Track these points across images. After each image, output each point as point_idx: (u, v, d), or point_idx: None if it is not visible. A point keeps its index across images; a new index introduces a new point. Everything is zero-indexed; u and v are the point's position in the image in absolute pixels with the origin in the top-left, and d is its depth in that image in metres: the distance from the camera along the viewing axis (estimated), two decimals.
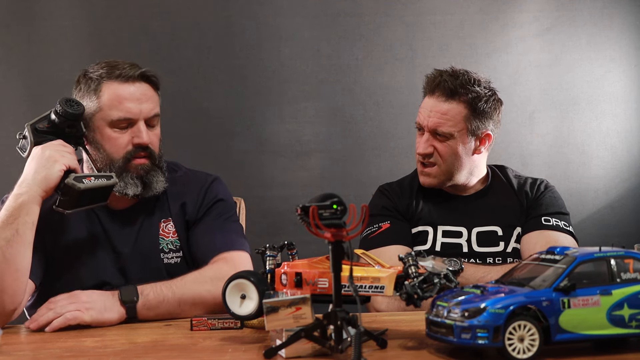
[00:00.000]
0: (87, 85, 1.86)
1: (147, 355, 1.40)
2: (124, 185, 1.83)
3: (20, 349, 1.50)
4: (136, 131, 1.84)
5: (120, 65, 1.86)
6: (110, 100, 1.83)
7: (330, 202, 1.28)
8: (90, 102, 1.85)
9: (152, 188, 1.87)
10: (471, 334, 1.20)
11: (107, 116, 1.83)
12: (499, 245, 2.09)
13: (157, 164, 1.89)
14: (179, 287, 1.72)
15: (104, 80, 1.84)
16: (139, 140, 1.84)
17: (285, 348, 1.29)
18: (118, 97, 1.83)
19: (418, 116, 2.14)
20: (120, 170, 1.84)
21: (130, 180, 1.84)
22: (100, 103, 1.84)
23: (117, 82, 1.84)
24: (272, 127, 2.97)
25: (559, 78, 3.05)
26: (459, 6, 3.02)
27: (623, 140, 3.07)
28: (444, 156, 2.10)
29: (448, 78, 2.08)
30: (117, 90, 1.84)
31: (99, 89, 1.84)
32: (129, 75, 1.84)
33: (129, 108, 1.83)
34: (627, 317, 1.24)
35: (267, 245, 1.52)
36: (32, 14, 2.90)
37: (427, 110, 2.10)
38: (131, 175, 1.84)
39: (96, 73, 1.86)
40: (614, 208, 3.04)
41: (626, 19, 3.06)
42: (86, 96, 1.86)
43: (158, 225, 1.92)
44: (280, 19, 2.98)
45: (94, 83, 1.85)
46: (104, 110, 1.83)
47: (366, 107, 2.98)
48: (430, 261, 1.36)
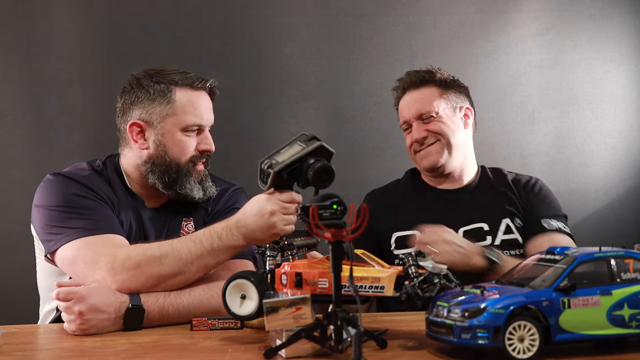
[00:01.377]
0: (156, 89, 1.91)
1: (147, 355, 1.40)
2: (190, 189, 1.91)
3: (20, 349, 1.50)
4: (203, 138, 1.95)
5: (190, 73, 1.95)
6: (185, 105, 1.90)
7: (330, 202, 1.28)
8: (161, 106, 1.90)
9: (207, 193, 1.96)
10: (471, 334, 1.20)
11: (181, 121, 1.90)
12: (486, 240, 2.13)
13: (209, 172, 1.99)
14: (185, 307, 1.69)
15: (178, 86, 1.91)
16: (206, 146, 1.95)
17: (285, 348, 1.29)
18: (193, 104, 1.92)
19: (400, 118, 2.29)
20: (186, 174, 1.91)
21: (194, 185, 1.92)
22: (174, 108, 1.90)
23: (191, 89, 1.92)
24: (272, 127, 2.97)
25: (559, 78, 3.05)
26: (459, 6, 3.02)
27: (623, 140, 3.06)
28: (439, 131, 2.20)
29: (412, 73, 2.28)
30: (191, 97, 1.92)
31: (173, 93, 1.91)
32: (201, 85, 1.94)
33: (202, 114, 1.93)
34: (627, 317, 1.24)
35: (267, 246, 1.52)
36: (32, 14, 2.90)
37: (406, 105, 2.26)
38: (194, 180, 1.92)
39: (167, 78, 1.91)
40: (614, 208, 3.04)
41: (626, 19, 3.06)
42: (156, 100, 1.90)
43: (181, 224, 1.97)
44: (280, 19, 2.98)
45: (167, 87, 1.91)
46: (178, 115, 1.90)
47: (366, 107, 2.98)
48: (431, 261, 1.36)
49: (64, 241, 1.76)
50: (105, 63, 2.87)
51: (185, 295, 1.70)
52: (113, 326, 1.61)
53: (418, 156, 2.23)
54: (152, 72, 1.94)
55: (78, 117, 2.87)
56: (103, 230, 1.77)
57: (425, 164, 2.22)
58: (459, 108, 2.26)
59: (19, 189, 2.75)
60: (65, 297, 1.59)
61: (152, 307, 1.65)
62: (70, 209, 1.81)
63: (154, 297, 1.67)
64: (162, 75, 1.93)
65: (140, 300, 1.64)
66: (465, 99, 2.29)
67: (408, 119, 2.24)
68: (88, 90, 2.87)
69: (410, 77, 2.27)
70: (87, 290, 1.60)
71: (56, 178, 1.88)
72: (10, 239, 2.77)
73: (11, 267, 2.77)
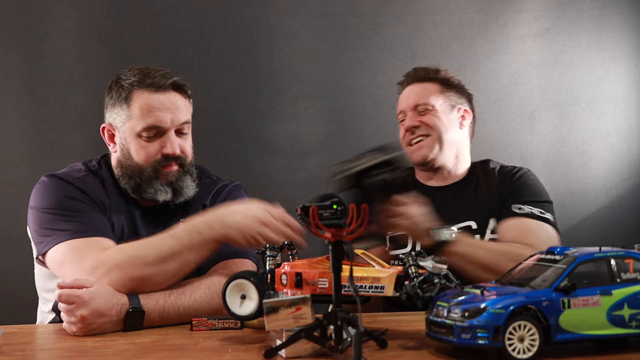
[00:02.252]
0: (118, 94, 1.88)
1: (147, 355, 1.40)
2: (153, 192, 1.86)
3: (20, 349, 1.50)
4: (165, 141, 1.87)
5: (152, 74, 1.88)
6: (140, 109, 1.85)
7: (330, 202, 1.28)
8: (121, 110, 1.87)
9: (182, 194, 1.90)
10: (471, 334, 1.20)
11: (135, 125, 1.85)
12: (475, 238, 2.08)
13: (187, 170, 1.91)
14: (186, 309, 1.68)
15: (135, 89, 1.86)
16: (167, 150, 1.87)
17: (285, 348, 1.29)
18: (148, 107, 1.85)
19: (397, 109, 2.29)
20: (149, 179, 1.86)
21: (160, 187, 1.87)
22: (131, 112, 1.86)
23: (148, 91, 1.86)
24: (272, 127, 2.97)
25: (559, 78, 3.05)
26: (459, 6, 3.02)
27: (623, 140, 3.07)
28: (432, 125, 2.20)
29: (419, 69, 2.29)
30: (147, 100, 1.85)
31: (130, 98, 1.86)
32: (159, 85, 1.86)
33: (158, 117, 1.85)
34: (627, 317, 1.24)
35: (267, 246, 1.52)
36: (32, 14, 2.90)
37: (405, 96, 2.26)
38: (161, 182, 1.87)
39: (128, 81, 1.87)
40: (614, 208, 3.05)
41: (626, 19, 3.06)
42: (117, 105, 1.88)
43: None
44: (280, 19, 2.98)
45: (125, 91, 1.87)
46: (133, 120, 1.86)
47: (366, 107, 2.98)
48: (431, 261, 1.36)
49: (53, 243, 1.76)
50: (105, 63, 2.88)
51: (185, 297, 1.69)
52: (114, 328, 1.61)
53: (409, 150, 2.23)
54: (121, 75, 1.91)
55: (78, 117, 2.87)
56: (91, 233, 1.76)
57: (415, 158, 2.21)
58: (458, 108, 2.25)
59: (19, 189, 2.75)
60: (67, 300, 1.58)
61: (152, 309, 1.64)
62: (61, 211, 1.80)
63: (154, 298, 1.66)
64: (126, 78, 1.88)
65: (140, 302, 1.64)
66: (466, 102, 2.28)
67: (404, 108, 2.25)
68: (88, 90, 2.87)
69: (416, 72, 2.28)
70: (89, 294, 1.59)
71: (50, 180, 1.87)
72: (10, 239, 2.77)
73: (11, 267, 2.77)
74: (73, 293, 1.59)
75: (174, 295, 1.68)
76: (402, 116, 2.26)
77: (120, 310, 1.61)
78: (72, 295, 1.58)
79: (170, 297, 1.68)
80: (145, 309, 1.63)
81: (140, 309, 1.63)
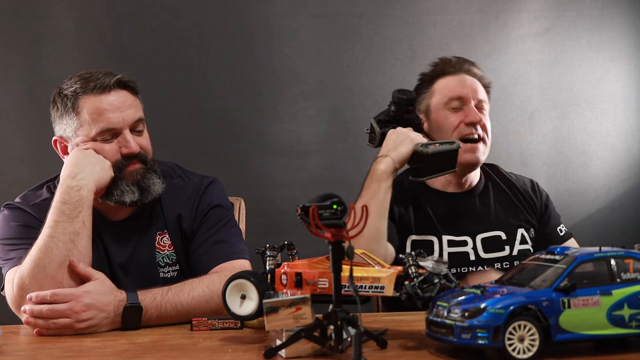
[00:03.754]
0: (64, 104, 1.82)
1: (147, 355, 1.40)
2: (120, 194, 1.79)
3: (20, 349, 1.50)
4: (122, 141, 1.80)
5: (93, 76, 1.81)
6: (89, 114, 1.78)
7: (330, 202, 1.28)
8: (70, 120, 1.81)
9: (150, 192, 1.82)
10: (471, 334, 1.20)
11: (88, 132, 1.78)
12: (505, 250, 2.05)
13: (151, 167, 1.84)
14: (184, 306, 1.67)
15: (79, 96, 1.79)
16: (127, 150, 1.80)
17: (285, 348, 1.29)
18: (97, 110, 1.78)
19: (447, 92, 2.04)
20: (114, 180, 1.79)
21: (126, 188, 1.79)
22: (81, 119, 1.79)
23: (94, 94, 1.79)
24: (272, 127, 2.97)
25: (559, 78, 3.05)
26: (459, 6, 3.02)
27: (623, 140, 3.07)
28: (488, 130, 2.05)
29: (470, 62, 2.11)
30: (94, 103, 1.78)
31: (77, 105, 1.80)
32: (104, 85, 1.79)
33: (109, 118, 1.78)
34: (627, 317, 1.24)
35: (267, 246, 1.52)
36: (32, 14, 2.90)
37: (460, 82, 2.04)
38: (126, 183, 1.80)
39: (70, 89, 1.81)
40: (614, 208, 3.05)
41: (626, 19, 3.06)
42: (65, 115, 1.82)
43: (154, 238, 1.87)
44: (280, 19, 2.98)
45: (70, 100, 1.80)
46: (85, 127, 1.79)
47: (366, 107, 2.98)
48: (431, 261, 1.36)
49: (4, 271, 1.79)
50: (105, 63, 2.87)
51: (184, 295, 1.68)
52: (112, 324, 1.61)
53: (464, 146, 1.96)
54: (62, 86, 1.85)
55: None
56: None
57: (469, 158, 2.01)
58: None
59: (19, 189, 2.74)
60: (63, 299, 1.59)
61: (149, 305, 1.64)
62: (11, 240, 1.80)
63: (151, 294, 1.66)
64: (68, 87, 1.82)
65: (138, 298, 1.64)
66: None
67: (465, 95, 2.01)
68: None
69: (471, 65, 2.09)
70: (84, 291, 1.61)
71: (7, 210, 1.87)
72: None
73: None
74: (68, 292, 1.60)
75: (171, 292, 1.68)
76: (459, 103, 2.03)
77: (117, 307, 1.61)
78: (68, 294, 1.60)
79: (168, 293, 1.67)
80: (142, 305, 1.63)
81: (137, 305, 1.63)
